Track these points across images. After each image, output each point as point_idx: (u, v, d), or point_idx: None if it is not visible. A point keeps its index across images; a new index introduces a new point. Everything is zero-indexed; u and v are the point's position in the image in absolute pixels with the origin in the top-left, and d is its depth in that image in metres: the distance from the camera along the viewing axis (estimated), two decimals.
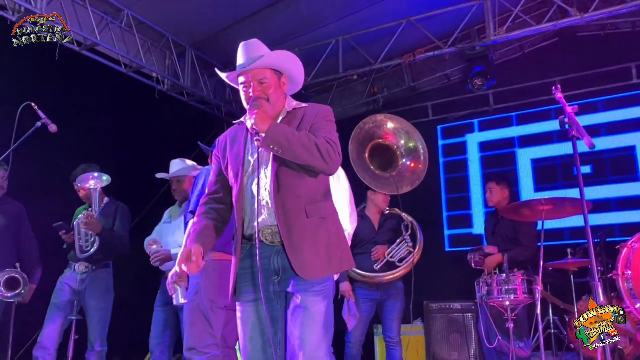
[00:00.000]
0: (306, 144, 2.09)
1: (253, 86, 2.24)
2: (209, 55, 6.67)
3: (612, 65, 6.54)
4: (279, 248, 2.14)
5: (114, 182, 4.18)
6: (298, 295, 2.12)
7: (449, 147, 7.50)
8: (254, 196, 2.15)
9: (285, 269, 2.13)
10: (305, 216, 2.14)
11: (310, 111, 2.28)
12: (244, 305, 2.18)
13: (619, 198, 6.34)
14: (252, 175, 2.19)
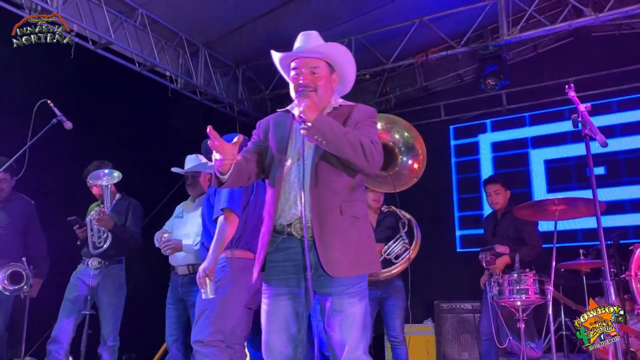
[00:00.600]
0: (351, 140, 2.07)
1: (304, 73, 2.21)
2: (221, 54, 6.71)
3: (627, 66, 6.47)
4: (311, 243, 2.09)
5: (126, 179, 4.21)
6: (333, 299, 2.09)
7: (461, 147, 7.47)
8: (291, 186, 2.14)
9: (317, 265, 2.08)
10: (339, 213, 2.11)
11: (356, 110, 2.27)
12: (271, 299, 2.14)
13: (633, 199, 6.28)
14: (292, 165, 2.17)
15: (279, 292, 2.13)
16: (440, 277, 6.15)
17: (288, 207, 2.14)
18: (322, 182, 2.13)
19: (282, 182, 2.16)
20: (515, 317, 3.83)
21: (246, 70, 7.02)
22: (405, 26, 6.20)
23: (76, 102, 4.58)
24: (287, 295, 2.11)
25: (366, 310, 2.15)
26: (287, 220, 2.13)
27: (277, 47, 7.19)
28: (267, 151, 2.27)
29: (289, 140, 2.22)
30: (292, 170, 2.17)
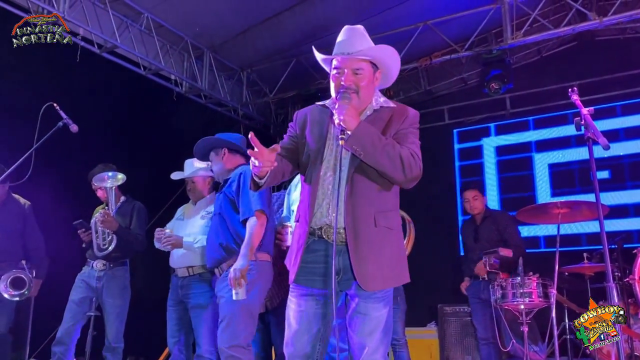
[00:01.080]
0: (390, 153, 2.03)
1: (346, 74, 2.13)
2: (226, 58, 6.74)
3: (632, 70, 6.47)
4: (340, 247, 2.08)
5: (131, 182, 4.23)
6: (359, 301, 2.10)
7: (465, 150, 7.48)
8: (325, 193, 2.12)
9: (346, 269, 2.09)
10: (374, 224, 2.09)
11: (397, 114, 2.19)
12: (298, 298, 2.14)
13: (637, 204, 6.27)
14: (327, 171, 2.14)
15: (306, 292, 2.13)
16: (443, 281, 6.14)
17: (320, 213, 2.12)
18: (358, 193, 2.10)
19: (318, 186, 2.14)
20: (518, 321, 3.83)
21: (250, 74, 7.06)
22: (409, 30, 6.22)
23: (82, 105, 4.61)
24: (315, 295, 2.12)
25: (390, 316, 2.16)
26: (319, 224, 2.12)
27: (281, 51, 7.26)
28: (303, 147, 2.21)
29: (327, 140, 2.17)
30: (327, 175, 2.14)
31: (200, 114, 6.77)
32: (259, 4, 5.78)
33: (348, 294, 2.14)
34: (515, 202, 4.71)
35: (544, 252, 6.42)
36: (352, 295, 2.12)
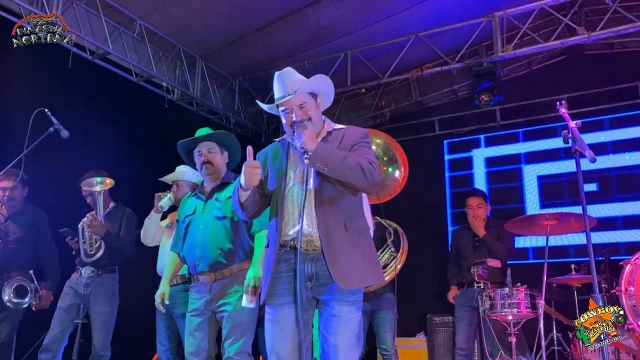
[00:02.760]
0: (350, 163, 2.24)
1: (295, 111, 2.40)
2: (218, 66, 6.76)
3: (619, 84, 6.57)
4: (312, 256, 2.27)
5: (122, 189, 4.22)
6: (333, 305, 2.25)
7: (455, 161, 7.53)
8: (294, 205, 2.32)
9: (318, 276, 2.26)
10: (345, 229, 2.29)
11: (349, 132, 2.46)
12: (275, 308, 2.28)
13: (624, 216, 6.33)
14: (293, 186, 2.35)
15: (284, 301, 2.27)
16: (433, 291, 6.16)
17: (292, 224, 2.30)
18: (326, 201, 2.31)
19: (285, 202, 2.34)
20: (506, 332, 3.85)
21: (243, 82, 7.07)
22: (401, 41, 6.27)
23: (73, 111, 4.60)
24: (292, 303, 2.24)
25: (360, 322, 2.31)
26: (291, 236, 2.30)
27: (274, 60, 7.26)
28: (266, 181, 2.47)
29: (288, 165, 2.42)
30: (294, 190, 2.35)
31: (192, 121, 6.75)
32: (252, 13, 5.80)
33: (321, 300, 2.29)
34: (505, 213, 4.73)
35: (533, 264, 6.46)
36: (327, 300, 2.26)
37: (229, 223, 3.08)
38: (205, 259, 3.04)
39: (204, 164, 3.21)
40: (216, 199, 3.16)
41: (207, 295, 3.02)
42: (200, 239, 3.08)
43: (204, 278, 3.05)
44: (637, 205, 6.31)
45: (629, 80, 6.55)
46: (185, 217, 3.23)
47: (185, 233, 3.18)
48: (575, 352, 4.81)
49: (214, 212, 3.12)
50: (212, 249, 3.04)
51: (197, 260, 3.06)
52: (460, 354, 4.36)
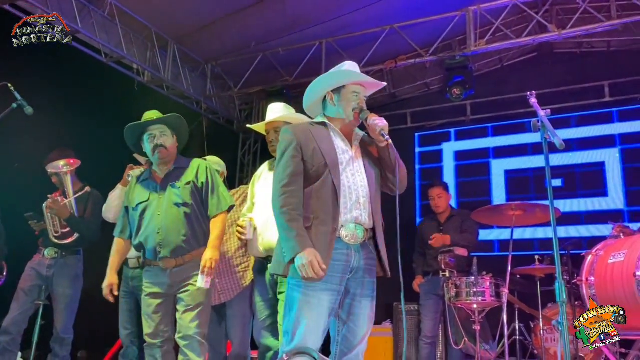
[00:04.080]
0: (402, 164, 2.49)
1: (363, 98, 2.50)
2: (191, 49, 6.66)
3: (586, 83, 6.72)
4: (357, 246, 2.35)
5: (90, 171, 4.12)
6: (364, 300, 2.36)
7: (426, 154, 7.60)
8: (352, 192, 2.36)
9: (359, 268, 2.35)
10: (381, 223, 2.43)
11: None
12: (316, 292, 2.25)
13: (587, 212, 6.50)
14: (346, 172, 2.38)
15: (322, 287, 2.26)
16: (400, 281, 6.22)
17: (348, 210, 2.33)
18: (375, 192, 2.44)
19: (342, 186, 2.34)
20: (471, 320, 3.93)
21: (215, 67, 6.99)
22: (376, 32, 6.29)
23: (38, 89, 4.46)
24: (330, 291, 2.27)
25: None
26: (341, 223, 2.32)
27: (247, 46, 7.18)
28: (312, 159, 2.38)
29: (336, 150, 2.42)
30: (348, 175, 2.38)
31: (162, 105, 6.59)
32: None
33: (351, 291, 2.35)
34: (472, 206, 4.81)
35: (498, 256, 6.58)
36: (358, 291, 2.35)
37: (189, 209, 3.09)
38: (167, 245, 3.03)
39: (157, 148, 3.12)
40: (173, 185, 3.13)
41: (167, 279, 3.03)
42: (161, 225, 3.05)
43: (165, 263, 3.04)
44: (599, 202, 6.49)
45: (595, 80, 6.71)
46: (138, 204, 3.15)
47: (140, 220, 3.12)
48: (536, 342, 4.92)
49: (172, 198, 3.10)
50: (174, 234, 3.04)
51: (159, 246, 3.04)
52: (425, 342, 4.43)
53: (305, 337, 2.20)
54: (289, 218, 2.25)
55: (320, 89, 2.52)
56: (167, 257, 3.03)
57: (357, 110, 2.44)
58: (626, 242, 3.24)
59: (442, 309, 4.40)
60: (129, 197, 3.23)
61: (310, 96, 2.57)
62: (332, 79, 2.51)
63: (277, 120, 3.14)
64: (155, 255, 3.05)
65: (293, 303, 2.26)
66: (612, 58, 6.76)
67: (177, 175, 3.17)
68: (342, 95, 2.47)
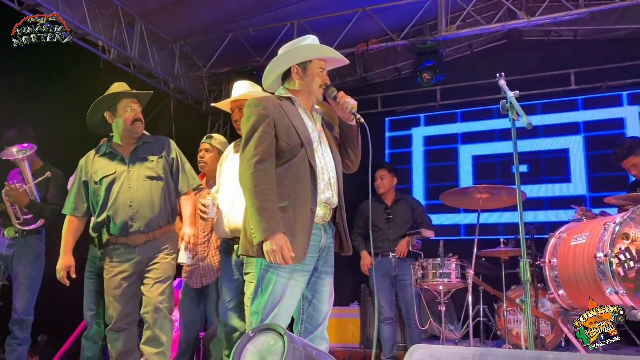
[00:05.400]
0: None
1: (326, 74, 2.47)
2: (159, 27, 6.49)
3: (553, 70, 6.83)
4: (326, 226, 2.35)
5: (52, 149, 4.00)
6: (327, 277, 2.38)
7: (396, 139, 7.65)
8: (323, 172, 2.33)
9: (326, 247, 2.35)
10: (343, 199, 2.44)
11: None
12: (294, 275, 2.23)
13: (551, 197, 6.65)
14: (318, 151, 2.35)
15: (299, 269, 2.24)
16: None
17: (322, 191, 2.31)
18: (340, 175, 2.43)
19: (316, 166, 2.30)
20: (436, 301, 3.98)
21: (184, 46, 6.83)
22: (348, 15, 6.25)
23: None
24: (305, 272, 2.27)
25: None
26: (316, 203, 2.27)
27: (217, 25, 7.04)
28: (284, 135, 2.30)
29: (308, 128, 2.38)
30: (320, 154, 2.35)
31: (129, 84, 6.43)
32: None
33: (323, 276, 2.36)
34: (440, 191, 4.85)
35: (464, 240, 6.70)
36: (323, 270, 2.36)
37: (163, 183, 3.05)
38: (141, 219, 2.97)
39: (137, 121, 3.07)
40: (145, 159, 3.07)
41: (136, 256, 2.97)
42: (134, 199, 2.98)
43: (135, 239, 2.98)
44: (562, 187, 6.64)
45: (562, 68, 6.83)
46: (102, 178, 3.04)
47: (106, 194, 3.01)
48: (500, 323, 5.04)
49: (144, 171, 3.05)
50: (148, 208, 2.99)
51: (131, 220, 2.97)
52: (386, 323, 4.48)
53: (277, 318, 2.17)
54: (264, 198, 2.15)
55: (287, 62, 2.45)
56: (139, 232, 2.96)
57: (323, 87, 2.42)
58: (588, 225, 3.31)
59: (395, 289, 4.47)
60: (88, 171, 3.08)
61: (274, 70, 2.49)
62: (300, 52, 2.45)
63: (242, 98, 3.08)
64: (125, 231, 2.96)
65: (268, 285, 2.19)
66: (579, 47, 6.89)
67: (146, 149, 3.11)
68: (309, 70, 2.43)
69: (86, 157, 3.18)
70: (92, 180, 3.05)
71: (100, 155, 3.11)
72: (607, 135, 6.47)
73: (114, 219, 2.98)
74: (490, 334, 5.32)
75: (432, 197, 7.06)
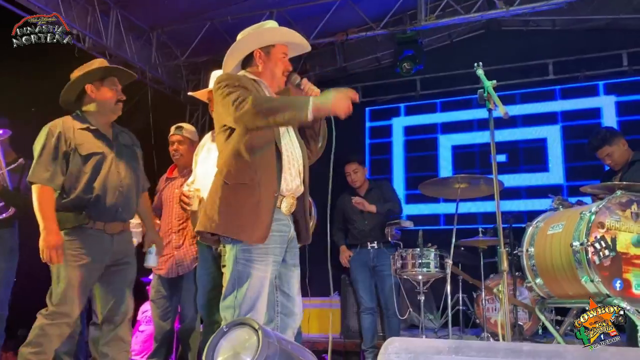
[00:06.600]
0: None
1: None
2: (135, 15, 6.37)
3: (531, 60, 6.88)
4: (291, 216, 2.30)
5: (27, 141, 3.89)
6: (296, 269, 2.35)
7: (376, 129, 7.65)
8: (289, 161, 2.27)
9: (292, 238, 2.32)
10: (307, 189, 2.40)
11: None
12: (267, 267, 2.19)
13: (529, 187, 6.72)
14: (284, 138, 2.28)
15: (271, 261, 2.20)
16: None
17: (289, 181, 2.25)
18: (307, 161, 2.38)
19: (283, 155, 2.24)
20: (415, 290, 4.00)
21: (161, 35, 6.72)
22: (328, 3, 6.19)
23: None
24: (275, 263, 2.22)
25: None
26: (284, 193, 2.23)
27: (195, 14, 6.92)
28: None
29: None
30: (286, 142, 2.28)
31: None
32: None
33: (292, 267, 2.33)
34: (420, 180, 4.85)
35: (443, 229, 6.75)
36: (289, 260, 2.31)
37: (137, 175, 2.99)
38: (127, 207, 2.88)
39: (119, 101, 2.90)
40: (127, 146, 2.98)
41: (111, 246, 2.81)
42: (123, 184, 2.85)
43: (114, 226, 2.81)
44: (540, 177, 6.72)
45: (540, 58, 6.89)
46: (91, 154, 2.78)
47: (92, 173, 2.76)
48: (478, 311, 5.09)
49: (128, 159, 2.93)
50: (133, 197, 2.93)
51: (120, 206, 2.82)
52: (367, 313, 4.49)
53: (257, 312, 2.14)
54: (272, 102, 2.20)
55: (249, 45, 2.37)
56: (122, 220, 2.85)
57: (286, 73, 2.37)
58: (564, 214, 3.34)
59: (375, 280, 4.48)
60: (70, 142, 2.76)
61: (234, 54, 2.39)
62: (263, 35, 2.38)
63: None
64: (110, 216, 2.76)
65: (245, 278, 2.14)
66: (557, 37, 6.94)
67: (124, 138, 3.00)
68: (272, 55, 2.37)
69: (61, 124, 2.81)
70: (76, 152, 2.75)
71: (81, 128, 2.83)
72: (583, 125, 6.55)
73: (103, 200, 2.75)
74: (469, 322, 5.38)
75: (412, 186, 7.09)
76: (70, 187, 2.75)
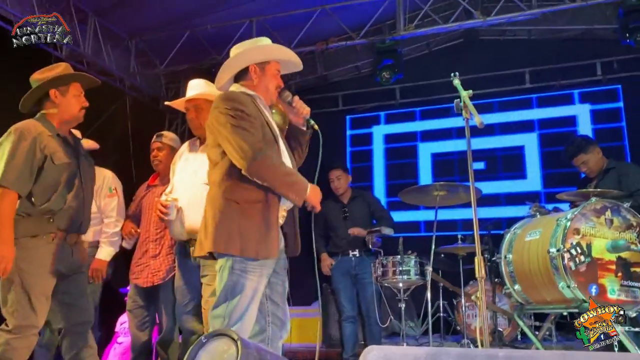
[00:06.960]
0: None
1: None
2: (113, 24, 6.33)
3: (508, 69, 6.99)
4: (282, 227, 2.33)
5: None
6: (285, 278, 2.39)
7: (357, 137, 7.69)
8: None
9: (282, 249, 2.35)
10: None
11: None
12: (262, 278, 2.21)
13: (507, 194, 6.81)
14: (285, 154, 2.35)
15: (266, 273, 2.23)
16: None
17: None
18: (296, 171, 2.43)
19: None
20: (396, 298, 4.01)
21: (140, 43, 6.68)
22: (308, 13, 6.23)
23: None
24: (267, 275, 2.25)
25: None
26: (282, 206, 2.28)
27: (174, 22, 6.89)
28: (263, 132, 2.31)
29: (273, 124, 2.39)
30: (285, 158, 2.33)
31: None
32: None
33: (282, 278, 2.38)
34: (400, 188, 4.89)
35: (423, 236, 6.79)
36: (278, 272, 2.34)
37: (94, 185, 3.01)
38: (88, 220, 2.86)
39: (83, 109, 2.82)
40: (86, 158, 2.92)
41: (70, 256, 2.73)
42: (86, 197, 2.81)
43: (72, 238, 2.75)
44: (518, 184, 6.81)
45: (517, 67, 7.00)
46: (64, 164, 2.70)
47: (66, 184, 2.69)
48: (459, 318, 5.13)
49: (89, 171, 2.89)
50: (90, 211, 2.90)
51: (83, 219, 2.79)
52: (348, 321, 4.47)
53: (246, 322, 2.15)
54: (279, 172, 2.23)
55: (246, 60, 2.41)
56: (81, 233, 2.80)
57: (278, 89, 2.43)
58: (542, 221, 3.39)
59: (356, 288, 4.46)
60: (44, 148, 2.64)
61: (230, 68, 2.42)
62: (260, 51, 2.43)
63: (197, 97, 3.02)
64: (75, 227, 2.72)
65: (239, 288, 2.13)
66: (533, 46, 7.07)
67: (81, 147, 2.93)
68: (266, 71, 2.42)
69: (34, 128, 2.67)
70: (50, 160, 2.65)
71: (51, 135, 2.71)
72: (559, 133, 6.66)
73: (72, 212, 2.69)
74: (450, 329, 5.41)
75: (393, 194, 7.12)
76: (42, 195, 2.64)
